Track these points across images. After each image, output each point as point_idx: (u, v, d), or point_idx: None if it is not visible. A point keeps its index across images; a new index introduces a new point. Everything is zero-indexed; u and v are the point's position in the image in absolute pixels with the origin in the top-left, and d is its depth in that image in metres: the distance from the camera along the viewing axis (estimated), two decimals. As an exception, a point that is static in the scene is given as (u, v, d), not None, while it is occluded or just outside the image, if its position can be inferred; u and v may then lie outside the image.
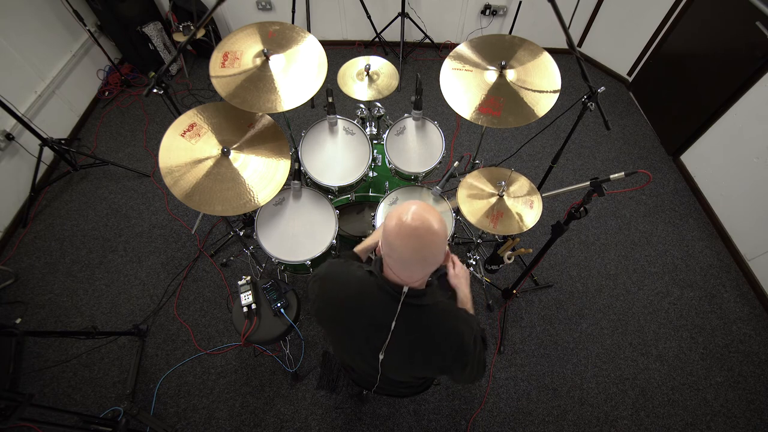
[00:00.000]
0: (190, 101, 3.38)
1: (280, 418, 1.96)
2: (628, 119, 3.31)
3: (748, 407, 2.04)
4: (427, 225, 0.85)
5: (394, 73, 2.03)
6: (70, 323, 2.25)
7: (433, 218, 0.87)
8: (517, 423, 1.97)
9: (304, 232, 1.81)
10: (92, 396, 2.03)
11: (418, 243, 0.86)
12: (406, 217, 0.86)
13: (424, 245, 0.87)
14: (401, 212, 0.87)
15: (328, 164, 1.90)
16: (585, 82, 1.63)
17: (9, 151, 2.59)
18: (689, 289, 2.43)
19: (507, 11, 3.50)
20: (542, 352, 2.18)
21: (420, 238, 0.86)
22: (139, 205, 2.75)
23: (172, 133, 1.56)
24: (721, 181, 2.65)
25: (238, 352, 2.15)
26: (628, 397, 2.06)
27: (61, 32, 3.03)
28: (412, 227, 0.85)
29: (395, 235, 0.87)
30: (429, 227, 0.85)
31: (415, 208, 0.87)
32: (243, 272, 2.43)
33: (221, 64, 1.60)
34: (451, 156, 3.05)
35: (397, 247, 0.88)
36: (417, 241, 0.86)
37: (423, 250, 0.88)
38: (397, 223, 0.87)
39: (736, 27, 2.46)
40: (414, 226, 0.85)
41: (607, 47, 3.56)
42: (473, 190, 1.70)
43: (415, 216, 0.86)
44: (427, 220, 0.86)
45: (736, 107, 2.49)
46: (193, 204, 1.50)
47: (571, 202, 1.56)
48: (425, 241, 0.86)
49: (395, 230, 0.87)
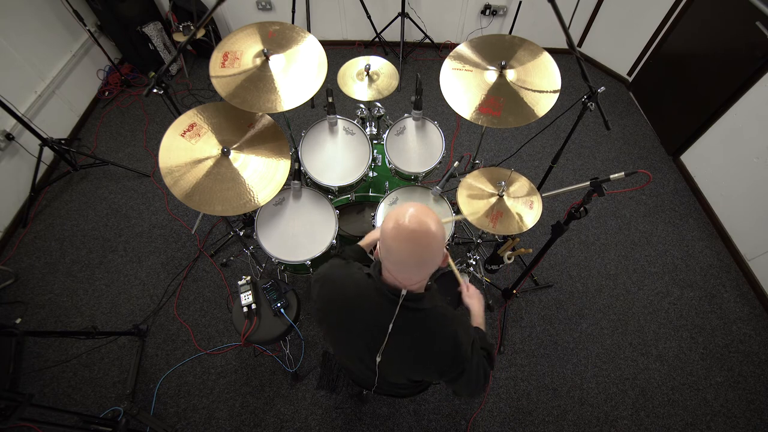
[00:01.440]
0: (190, 101, 3.38)
1: (280, 418, 1.96)
2: (628, 119, 3.32)
3: (748, 407, 2.04)
4: (425, 228, 0.85)
5: (394, 73, 2.03)
6: (70, 323, 2.25)
7: (430, 220, 0.86)
8: (517, 423, 1.97)
9: (304, 232, 1.82)
10: (92, 396, 2.03)
11: (415, 246, 0.86)
12: (404, 220, 0.85)
13: (421, 248, 0.86)
14: (399, 214, 0.87)
15: (328, 164, 1.90)
16: (585, 82, 1.63)
17: (9, 151, 2.59)
18: (689, 289, 2.43)
19: (507, 11, 3.50)
20: (542, 352, 2.18)
21: (417, 241, 0.85)
22: (139, 205, 2.75)
23: (172, 133, 1.56)
24: (721, 181, 2.65)
25: (238, 352, 2.15)
26: (628, 397, 2.06)
27: (61, 32, 3.03)
28: (409, 230, 0.84)
29: (393, 237, 0.86)
30: (426, 230, 0.85)
31: (413, 210, 0.87)
32: (243, 272, 2.43)
33: (221, 64, 1.60)
34: (451, 156, 3.05)
35: (394, 249, 0.87)
36: (414, 244, 0.85)
37: (421, 253, 0.87)
38: (394, 225, 0.86)
39: (736, 27, 2.46)
40: (411, 228, 0.84)
41: (607, 47, 3.56)
42: (473, 190, 1.70)
43: (413, 218, 0.85)
44: (425, 223, 0.85)
45: (736, 107, 2.49)
46: (193, 204, 1.50)
47: (571, 202, 1.56)
48: (423, 243, 0.86)
49: (393, 233, 0.86)
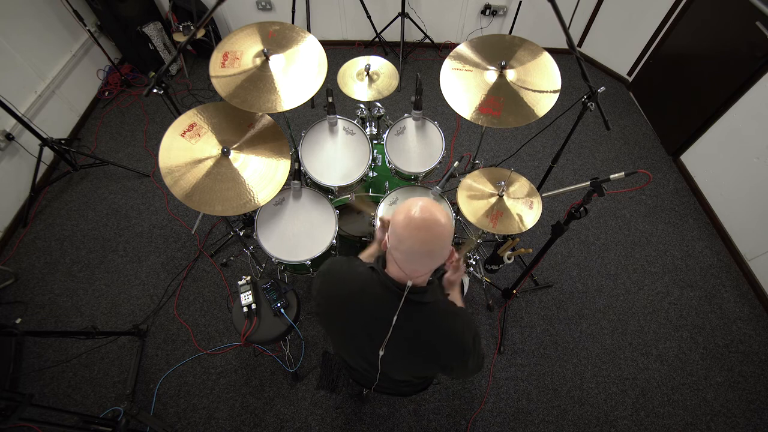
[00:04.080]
0: (190, 101, 3.38)
1: (280, 418, 1.96)
2: (628, 119, 3.32)
3: (748, 407, 2.04)
4: (435, 218, 0.88)
5: (394, 73, 2.03)
6: (70, 323, 2.25)
7: (440, 213, 0.90)
8: (517, 423, 1.97)
9: (304, 232, 1.81)
10: (92, 396, 2.03)
11: (426, 235, 0.88)
12: (415, 211, 0.89)
13: (432, 237, 0.89)
14: (410, 205, 0.90)
15: (328, 164, 1.90)
16: (585, 82, 1.63)
17: (9, 151, 2.59)
18: (689, 289, 2.43)
19: (507, 11, 3.50)
20: (542, 352, 2.18)
21: (429, 230, 0.88)
22: (139, 205, 2.75)
23: (172, 133, 1.56)
24: (721, 181, 2.65)
25: (238, 352, 2.15)
26: (628, 397, 2.06)
27: (61, 32, 3.03)
28: (421, 218, 0.88)
29: (404, 226, 0.89)
30: (437, 220, 0.88)
31: (423, 203, 0.90)
32: (243, 272, 2.43)
33: (221, 64, 1.60)
34: (451, 156, 3.05)
35: (405, 238, 0.89)
36: (426, 233, 0.88)
37: (431, 243, 0.90)
38: (406, 216, 0.89)
39: (736, 27, 2.46)
40: (423, 217, 0.88)
41: (607, 47, 3.56)
42: (473, 191, 1.70)
43: (424, 209, 0.89)
44: (435, 214, 0.89)
45: (736, 107, 2.49)
46: (193, 204, 1.50)
47: (571, 202, 1.56)
48: (434, 233, 0.89)
49: (404, 222, 0.89)
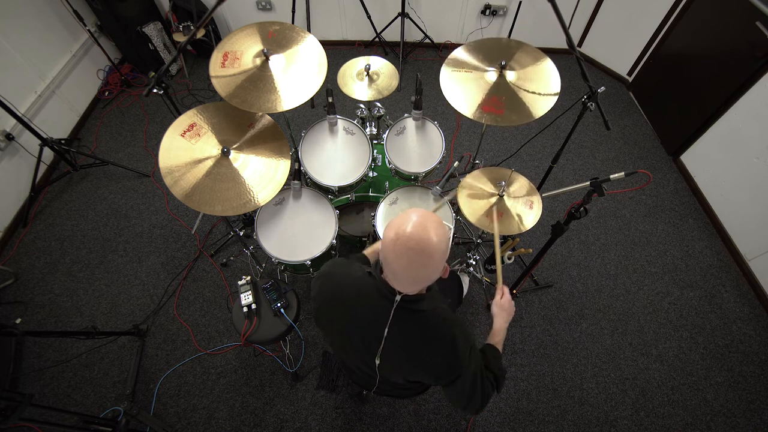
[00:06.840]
0: (190, 101, 3.38)
1: (280, 418, 1.96)
2: (628, 119, 3.31)
3: (748, 407, 2.04)
4: (422, 246, 0.82)
5: (394, 73, 2.02)
6: (70, 323, 2.25)
7: (433, 230, 0.83)
8: (517, 423, 1.97)
9: (304, 232, 1.82)
10: (92, 396, 2.03)
11: (410, 264, 0.84)
12: (403, 233, 0.83)
13: (417, 266, 0.85)
14: (400, 225, 0.84)
15: (328, 164, 1.90)
16: (585, 82, 1.63)
17: (9, 151, 2.59)
18: (689, 289, 2.43)
19: (507, 11, 3.50)
20: (542, 352, 2.18)
21: (413, 259, 0.83)
22: (139, 205, 2.75)
23: (172, 133, 1.56)
24: (721, 181, 2.65)
25: (238, 352, 2.15)
26: (628, 397, 2.06)
27: (61, 32, 3.02)
28: (406, 246, 0.82)
29: (390, 249, 0.85)
30: (424, 248, 0.82)
31: (414, 222, 0.83)
32: (243, 272, 2.43)
33: (221, 64, 1.60)
34: (451, 156, 3.05)
35: (390, 261, 0.87)
36: (409, 261, 0.84)
37: (416, 271, 0.86)
38: (393, 237, 0.84)
39: (736, 27, 2.46)
40: (409, 246, 0.82)
41: (607, 47, 3.56)
42: (473, 190, 1.70)
43: (413, 233, 0.82)
44: (424, 240, 0.82)
45: (736, 107, 2.49)
46: (193, 204, 1.50)
47: (571, 202, 1.56)
48: (419, 263, 0.84)
49: (390, 245, 0.85)
